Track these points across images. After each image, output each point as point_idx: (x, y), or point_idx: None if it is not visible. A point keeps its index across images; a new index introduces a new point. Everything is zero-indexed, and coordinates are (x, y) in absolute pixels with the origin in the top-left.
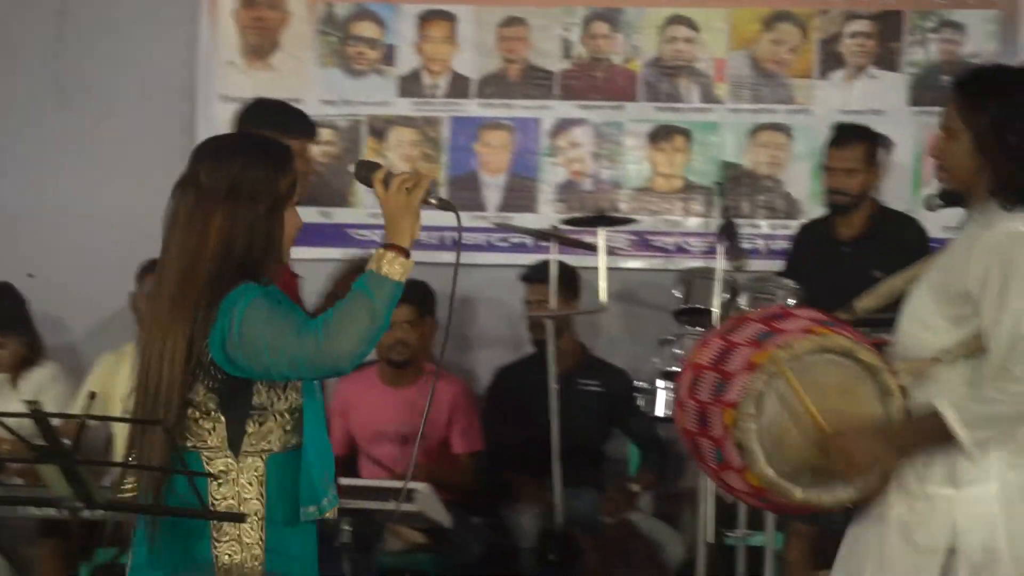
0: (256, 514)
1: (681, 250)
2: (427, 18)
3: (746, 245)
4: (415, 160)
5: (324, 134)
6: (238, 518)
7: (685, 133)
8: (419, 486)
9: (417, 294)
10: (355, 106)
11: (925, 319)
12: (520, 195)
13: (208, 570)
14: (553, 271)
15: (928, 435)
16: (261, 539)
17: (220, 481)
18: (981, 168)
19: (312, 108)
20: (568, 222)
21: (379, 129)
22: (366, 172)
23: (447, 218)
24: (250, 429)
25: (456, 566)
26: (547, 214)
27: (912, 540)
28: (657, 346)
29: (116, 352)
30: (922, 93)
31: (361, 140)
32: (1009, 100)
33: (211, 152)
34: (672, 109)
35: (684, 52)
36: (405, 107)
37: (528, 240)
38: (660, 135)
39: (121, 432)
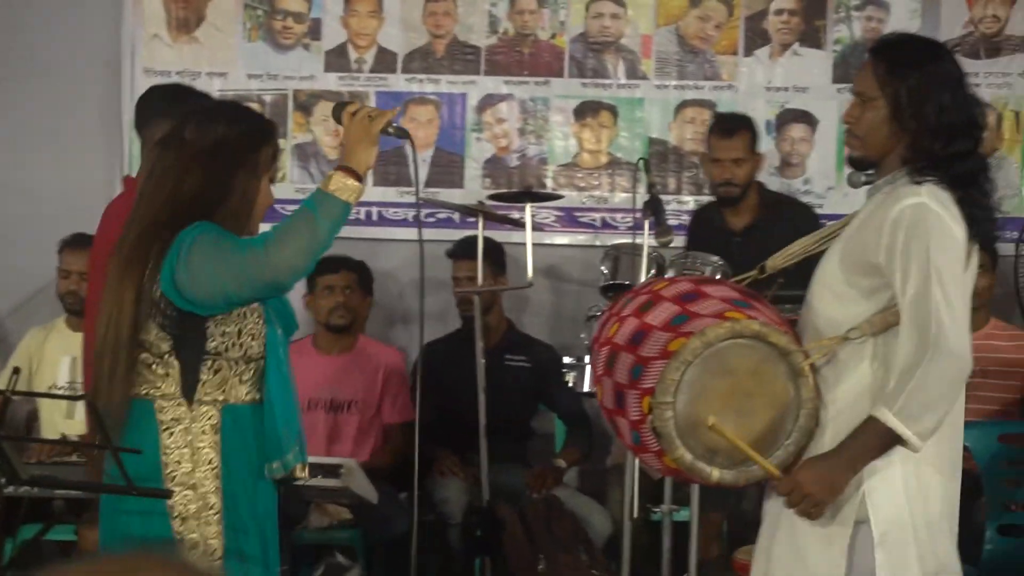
0: (210, 463)
1: (607, 226)
2: None
3: (672, 221)
4: (342, 135)
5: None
6: (165, 494)
7: (611, 109)
8: (345, 461)
9: (358, 268)
10: (281, 80)
11: (836, 289)
12: (446, 170)
13: (162, 520)
14: (480, 247)
15: (875, 441)
16: (217, 488)
17: (171, 430)
18: (894, 137)
19: (238, 82)
20: (494, 198)
21: (305, 103)
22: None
23: (371, 193)
24: (204, 376)
25: (382, 542)
26: (473, 190)
27: (832, 515)
28: (584, 322)
29: (43, 327)
30: (846, 71)
31: (287, 114)
32: (928, 70)
33: (199, 113)
34: (598, 85)
35: (610, 28)
36: (331, 81)
37: (455, 216)
38: (586, 111)
39: (46, 406)
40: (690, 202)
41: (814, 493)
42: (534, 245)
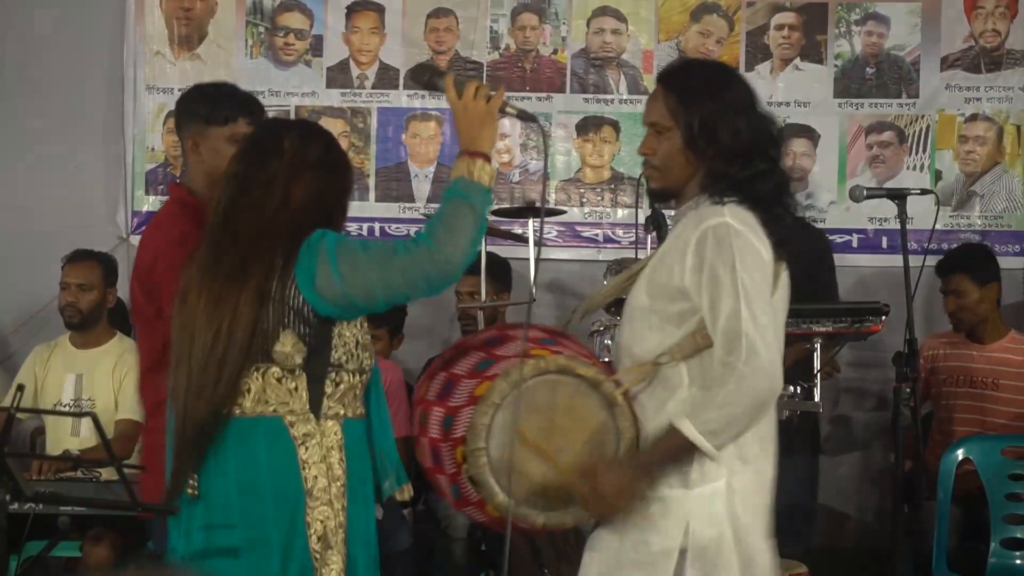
0: (339, 480)
1: (609, 241)
2: (355, 9)
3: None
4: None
5: None
6: (171, 510)
7: (613, 124)
8: None
9: None
10: (283, 96)
11: (648, 318)
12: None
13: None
14: (483, 263)
15: (673, 450)
16: (344, 507)
17: (306, 444)
18: (692, 165)
19: None
20: (497, 213)
21: (306, 120)
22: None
23: (374, 209)
24: (328, 390)
25: (386, 557)
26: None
27: (647, 542)
28: (587, 337)
29: (48, 345)
30: (847, 86)
31: None
32: (719, 96)
33: (295, 127)
34: (600, 100)
35: (612, 44)
36: (333, 98)
37: None
38: (588, 126)
39: (51, 424)
40: None
41: (610, 498)
42: (537, 260)
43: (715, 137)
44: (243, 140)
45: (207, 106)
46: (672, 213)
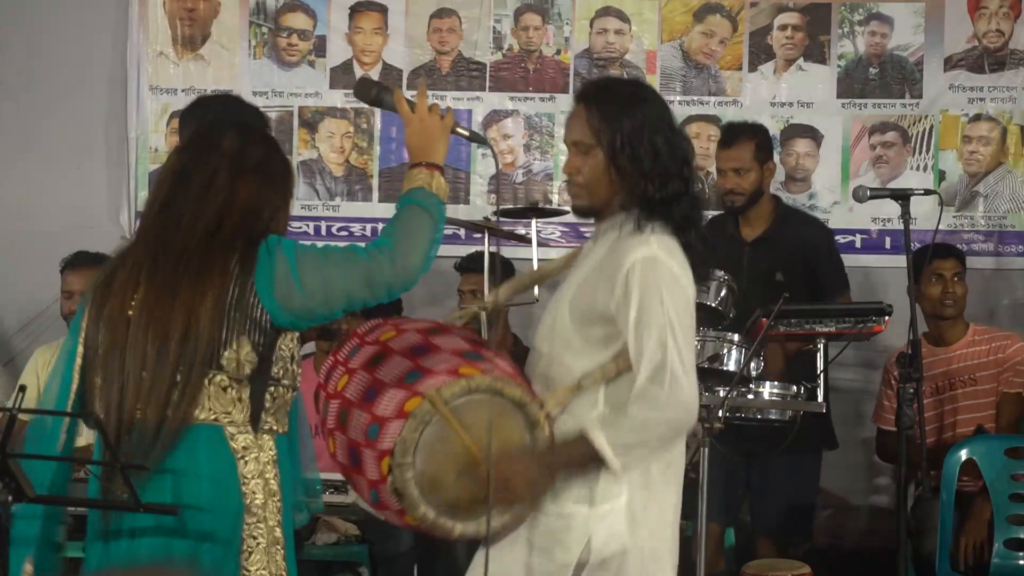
0: (274, 495)
1: None
2: (358, 9)
3: None
4: (347, 152)
5: None
6: (171, 511)
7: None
8: None
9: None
10: (286, 97)
11: (569, 339)
12: (452, 186)
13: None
14: (487, 263)
15: (579, 457)
16: (280, 522)
17: (245, 458)
18: (615, 183)
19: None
20: (500, 213)
21: (310, 120)
22: (377, 91)
23: (375, 210)
24: (267, 403)
25: (388, 558)
26: (479, 205)
27: (550, 555)
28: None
29: (50, 346)
30: (851, 86)
31: (293, 131)
32: (639, 114)
33: (234, 128)
34: None
35: (615, 44)
36: (336, 98)
37: (460, 231)
38: None
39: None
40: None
41: (515, 485)
42: (540, 261)
43: (636, 154)
44: (181, 139)
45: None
46: None
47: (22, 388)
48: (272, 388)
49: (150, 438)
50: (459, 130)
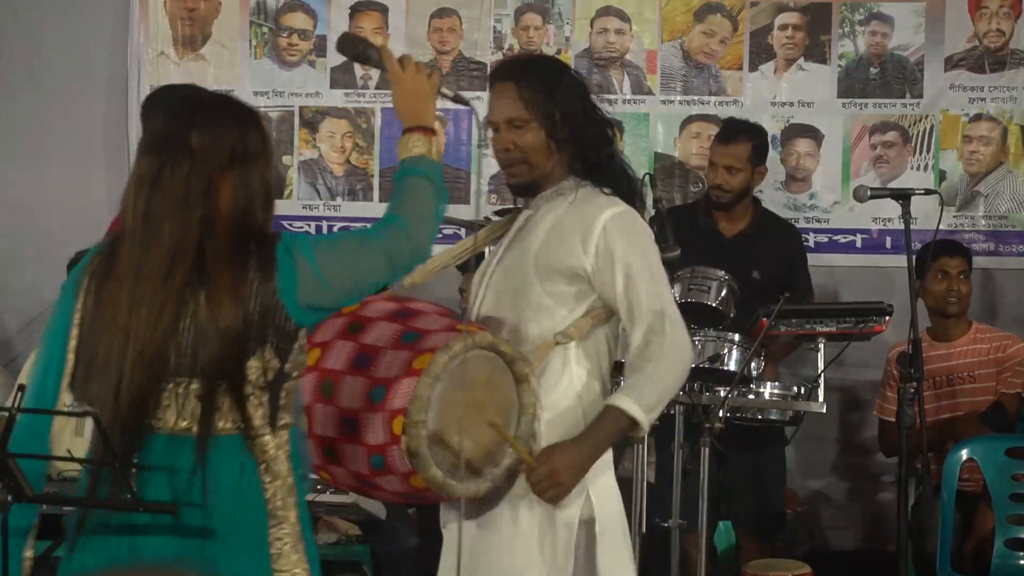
0: (292, 492)
1: None
2: (358, 9)
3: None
4: (348, 152)
5: None
6: (171, 510)
7: (617, 124)
8: None
9: None
10: (287, 97)
11: (538, 302)
12: (453, 186)
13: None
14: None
15: (616, 432)
16: (299, 518)
17: (266, 463)
18: (554, 154)
19: (244, 99)
20: (500, 213)
21: (311, 120)
22: (364, 47)
23: (376, 209)
24: (283, 401)
25: (392, 556)
26: (480, 205)
27: (551, 516)
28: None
29: None
30: (851, 86)
31: (293, 131)
32: (566, 84)
33: (199, 115)
34: (603, 100)
35: (615, 44)
36: (337, 98)
37: (462, 232)
38: None
39: (55, 424)
40: None
41: (566, 479)
42: None
43: (573, 124)
44: (145, 133)
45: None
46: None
47: (21, 388)
48: (287, 384)
49: (169, 452)
50: (444, 91)
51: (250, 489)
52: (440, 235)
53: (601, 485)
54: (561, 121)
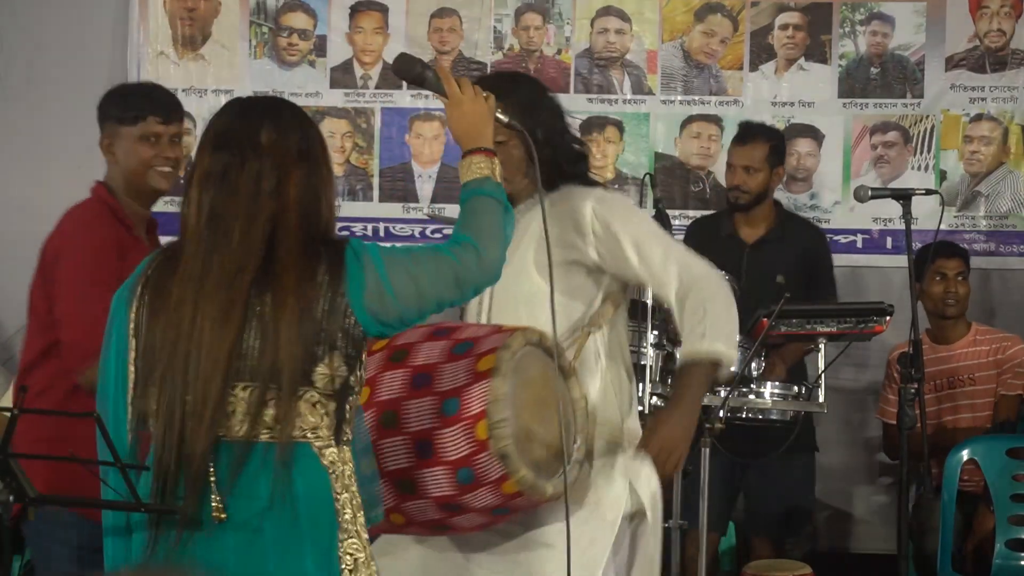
0: (358, 507)
1: None
2: (358, 9)
3: (678, 236)
4: (348, 152)
5: None
6: (171, 510)
7: (617, 124)
8: None
9: None
10: (286, 97)
11: (544, 300)
12: (453, 186)
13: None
14: None
15: (705, 383)
16: (367, 537)
17: (335, 473)
18: (530, 171)
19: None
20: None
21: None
22: (422, 68)
23: (377, 209)
24: (347, 414)
25: None
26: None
27: (601, 516)
28: None
29: None
30: (852, 86)
31: None
32: (547, 105)
33: (266, 114)
34: (604, 100)
35: (616, 44)
36: (337, 98)
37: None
38: (592, 126)
39: None
40: (697, 217)
41: (680, 445)
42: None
43: (552, 142)
44: (208, 131)
45: (118, 105)
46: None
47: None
48: (351, 397)
49: (239, 459)
50: (499, 115)
51: (322, 497)
52: (440, 235)
53: (644, 475)
54: (543, 140)
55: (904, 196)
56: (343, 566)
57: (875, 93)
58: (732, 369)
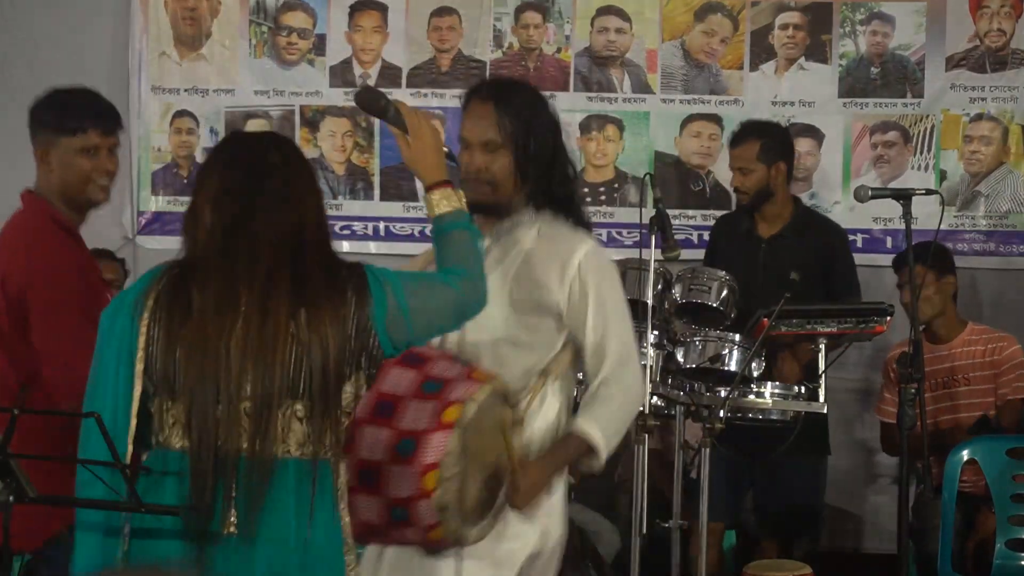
0: (348, 524)
1: (613, 241)
2: (357, 8)
3: (678, 236)
4: (349, 151)
5: (258, 124)
6: (173, 511)
7: (617, 123)
8: None
9: None
10: (287, 96)
11: (515, 336)
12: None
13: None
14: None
15: (574, 455)
16: (357, 557)
17: (341, 491)
18: (519, 182)
19: (245, 98)
20: None
21: (311, 119)
22: (385, 102)
23: (377, 208)
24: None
25: None
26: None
27: (509, 558)
28: None
29: None
30: (852, 85)
31: (294, 130)
32: (545, 118)
33: (269, 142)
34: (604, 99)
35: (616, 43)
36: (336, 97)
37: None
38: (592, 125)
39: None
40: (696, 216)
41: (533, 493)
42: None
43: (544, 157)
44: (214, 154)
45: (57, 115)
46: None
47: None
48: (349, 413)
49: (261, 472)
50: (444, 148)
51: (334, 517)
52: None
53: (554, 511)
54: (532, 154)
55: (904, 196)
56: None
57: (875, 93)
58: (598, 467)
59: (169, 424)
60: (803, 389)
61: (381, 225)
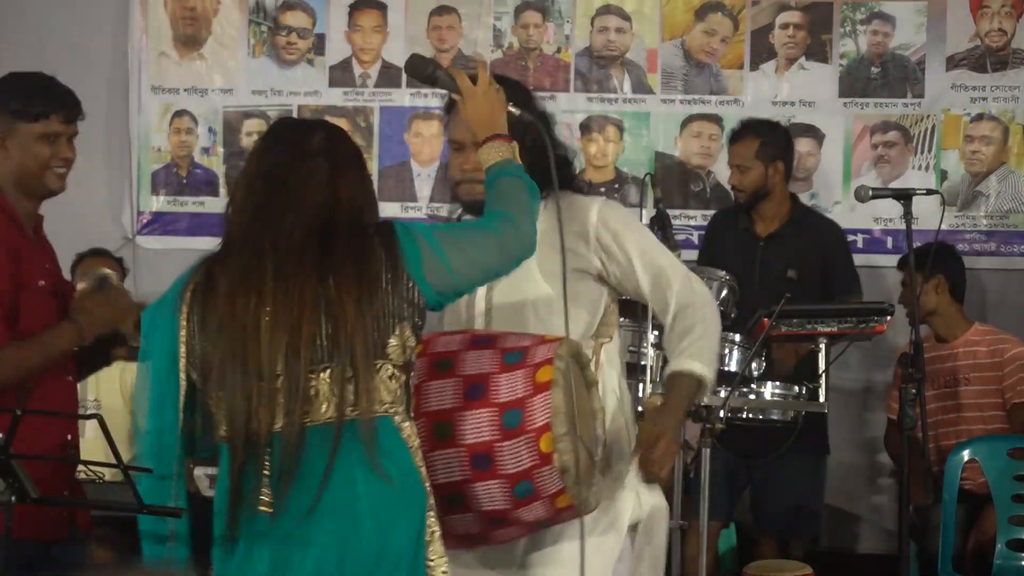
0: (429, 485)
1: None
2: (357, 7)
3: (679, 236)
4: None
5: (256, 124)
6: (175, 513)
7: (617, 123)
8: None
9: None
10: (286, 96)
11: (557, 306)
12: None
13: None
14: None
15: (689, 396)
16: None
17: (414, 448)
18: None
19: (244, 98)
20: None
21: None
22: (433, 68)
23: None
24: (411, 388)
25: None
26: None
27: (610, 525)
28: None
29: None
30: (852, 85)
31: None
32: (526, 106)
33: (318, 125)
34: (604, 99)
35: (616, 42)
36: (336, 97)
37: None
38: (592, 125)
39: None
40: (697, 216)
41: (669, 456)
42: None
43: (540, 149)
44: (258, 141)
45: (18, 100)
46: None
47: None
48: (412, 371)
49: (329, 441)
50: (511, 108)
51: (409, 470)
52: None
53: (650, 485)
54: (528, 146)
55: (905, 196)
56: (426, 537)
57: (876, 93)
58: (706, 396)
59: (214, 410)
60: (803, 389)
61: None
